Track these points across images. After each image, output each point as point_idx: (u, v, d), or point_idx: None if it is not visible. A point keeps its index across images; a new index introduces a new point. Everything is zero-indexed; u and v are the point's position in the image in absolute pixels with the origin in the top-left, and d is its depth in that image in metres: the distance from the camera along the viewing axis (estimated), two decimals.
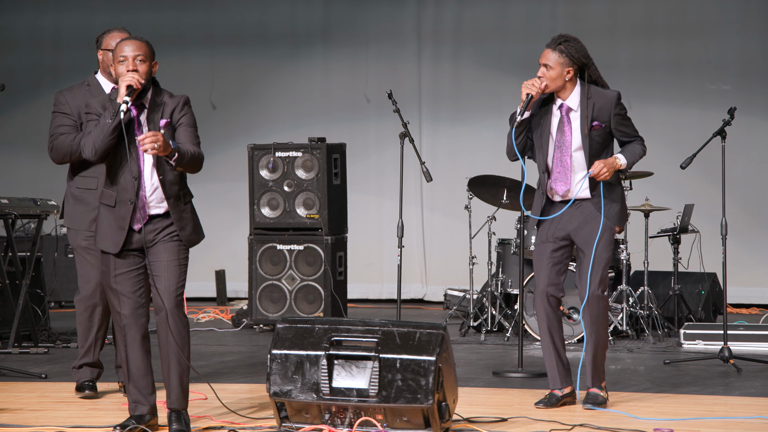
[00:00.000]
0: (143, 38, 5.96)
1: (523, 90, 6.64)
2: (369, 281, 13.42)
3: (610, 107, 6.72)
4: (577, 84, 6.72)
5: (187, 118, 6.00)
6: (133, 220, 5.91)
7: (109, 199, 5.95)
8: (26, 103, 14.00)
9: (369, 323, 5.93)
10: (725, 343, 8.44)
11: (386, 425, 5.84)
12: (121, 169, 5.91)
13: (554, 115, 6.74)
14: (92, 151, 5.84)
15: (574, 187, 6.73)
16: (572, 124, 6.72)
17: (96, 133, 5.83)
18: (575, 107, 6.71)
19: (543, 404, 6.77)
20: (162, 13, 13.87)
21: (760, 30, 12.81)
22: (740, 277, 12.37)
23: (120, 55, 5.88)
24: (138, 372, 5.99)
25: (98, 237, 6.01)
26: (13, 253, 9.31)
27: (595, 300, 6.75)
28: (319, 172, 10.57)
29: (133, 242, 5.95)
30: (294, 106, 13.62)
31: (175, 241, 5.95)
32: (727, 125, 8.46)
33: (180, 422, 5.95)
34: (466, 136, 13.36)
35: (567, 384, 6.87)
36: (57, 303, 12.29)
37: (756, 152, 12.78)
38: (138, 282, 5.98)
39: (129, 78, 5.82)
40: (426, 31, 13.54)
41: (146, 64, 5.90)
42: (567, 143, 6.72)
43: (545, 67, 6.67)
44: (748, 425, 6.29)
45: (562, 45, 6.67)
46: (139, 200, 5.89)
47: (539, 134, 6.76)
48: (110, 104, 5.87)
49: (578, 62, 6.69)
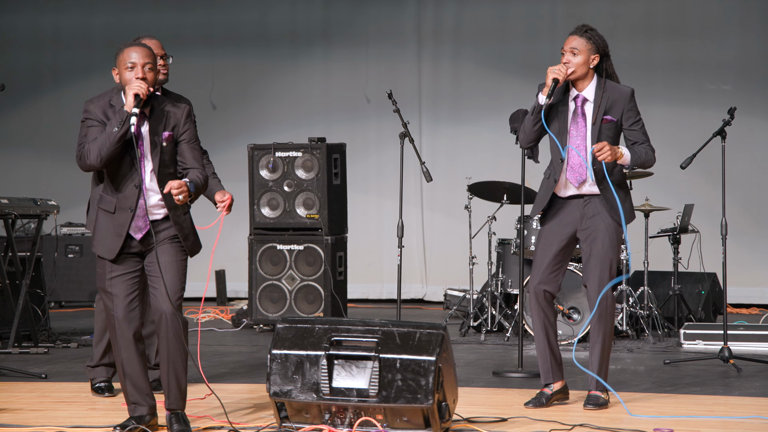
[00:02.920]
0: (149, 45, 5.94)
1: (549, 75, 6.62)
2: (369, 281, 13.43)
3: (624, 103, 6.72)
4: (594, 76, 6.74)
5: (190, 133, 5.99)
6: (131, 227, 5.92)
7: (108, 205, 5.96)
8: (26, 103, 14.00)
9: (369, 323, 5.93)
10: (725, 343, 8.44)
11: (386, 425, 5.84)
12: (123, 178, 5.91)
13: (569, 105, 6.74)
14: (97, 158, 5.83)
15: (589, 181, 6.71)
16: (587, 116, 6.71)
17: (102, 140, 5.82)
18: (591, 98, 6.72)
19: (533, 404, 6.74)
20: (162, 13, 13.86)
21: (760, 30, 12.81)
22: (740, 277, 12.37)
23: (128, 62, 5.85)
24: (134, 373, 5.99)
25: (95, 242, 6.02)
26: (13, 253, 9.32)
27: (603, 299, 6.72)
28: (319, 172, 10.58)
29: (131, 246, 5.96)
30: (294, 106, 13.62)
31: (175, 243, 5.96)
32: (727, 125, 8.46)
33: (180, 422, 5.96)
34: (466, 136, 13.36)
35: (558, 379, 6.85)
36: (57, 303, 12.30)
37: (756, 152, 12.78)
38: (132, 285, 5.98)
39: (137, 87, 5.79)
40: (426, 31, 13.54)
41: (154, 72, 5.88)
42: (582, 134, 6.71)
43: (572, 53, 6.67)
44: (748, 425, 6.29)
45: (588, 32, 6.71)
46: (140, 209, 5.90)
47: (556, 124, 6.75)
48: (111, 110, 5.87)
49: (602, 51, 6.73)
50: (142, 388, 6.00)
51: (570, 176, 6.73)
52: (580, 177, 6.71)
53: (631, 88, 6.78)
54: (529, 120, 6.75)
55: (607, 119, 6.70)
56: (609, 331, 6.79)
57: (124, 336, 5.96)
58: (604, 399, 6.76)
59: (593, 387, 6.78)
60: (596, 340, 6.78)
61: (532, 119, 6.73)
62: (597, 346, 6.78)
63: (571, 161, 6.72)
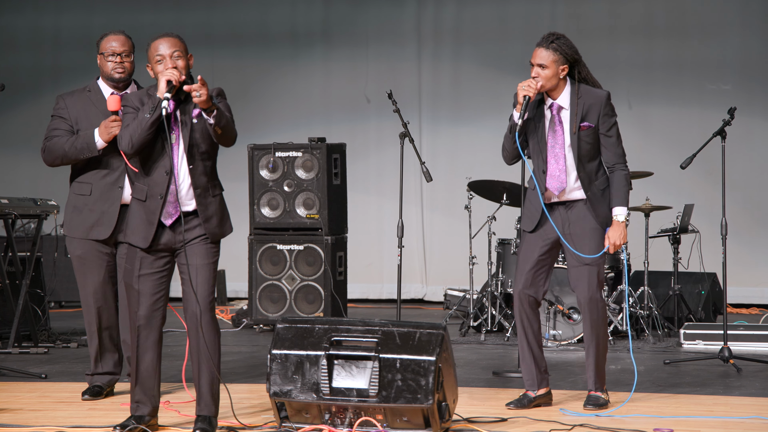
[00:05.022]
0: (175, 34, 5.95)
1: (519, 92, 6.59)
2: (369, 281, 13.43)
3: (600, 107, 6.64)
4: (567, 82, 6.68)
5: (223, 105, 5.98)
6: (162, 214, 5.90)
7: (140, 193, 5.94)
8: (26, 103, 14.00)
9: (369, 323, 5.93)
10: (725, 343, 8.44)
11: (386, 425, 5.84)
12: (155, 164, 5.89)
13: (545, 114, 6.71)
14: (129, 144, 5.82)
15: (569, 188, 6.69)
16: (564, 124, 6.66)
17: (134, 127, 5.82)
18: (566, 106, 6.66)
19: (514, 405, 6.72)
20: (162, 13, 13.87)
21: (760, 30, 12.81)
22: (740, 277, 12.37)
23: (156, 55, 5.87)
24: (146, 373, 5.98)
25: (128, 231, 5.99)
26: (13, 253, 9.32)
27: (594, 303, 6.71)
28: (319, 172, 10.58)
29: (161, 241, 5.93)
30: (294, 106, 13.63)
31: (207, 243, 5.94)
32: (727, 125, 8.46)
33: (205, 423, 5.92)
34: (466, 136, 13.37)
35: (543, 386, 6.82)
36: (57, 303, 12.30)
37: (756, 152, 12.78)
38: (160, 284, 5.97)
39: (169, 73, 5.81)
40: (426, 31, 13.54)
41: (183, 59, 5.90)
42: (560, 143, 6.66)
43: (540, 67, 6.63)
44: (748, 425, 6.29)
45: (555, 43, 6.62)
46: (170, 195, 5.88)
47: (534, 135, 6.72)
48: (149, 99, 5.86)
49: (571, 59, 6.65)
50: (150, 388, 5.98)
51: (551, 185, 6.71)
52: (560, 185, 6.69)
53: (606, 92, 6.69)
54: (508, 138, 6.73)
55: (584, 126, 6.64)
56: (603, 335, 6.77)
57: (144, 334, 5.94)
58: (604, 399, 6.75)
59: (593, 387, 6.78)
60: (590, 344, 6.75)
61: (510, 138, 6.71)
62: (591, 349, 6.75)
63: (551, 170, 6.69)
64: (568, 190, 6.69)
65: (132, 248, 5.97)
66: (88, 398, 6.98)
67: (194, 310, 5.88)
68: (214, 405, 5.97)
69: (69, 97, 7.11)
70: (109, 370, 7.11)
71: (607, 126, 6.67)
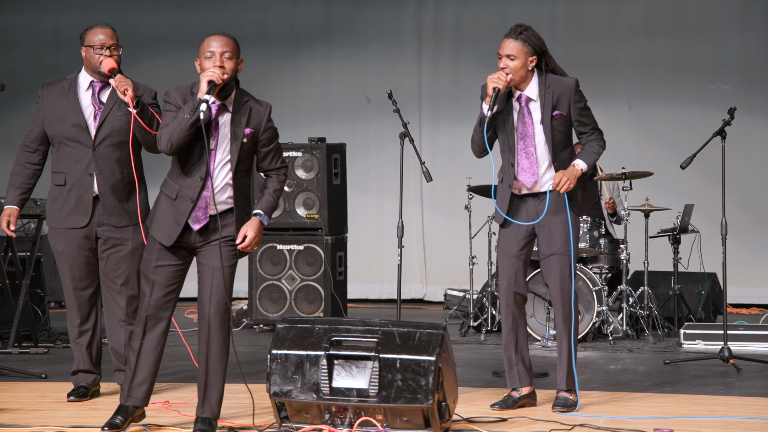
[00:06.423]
0: (231, 35, 5.85)
1: (489, 84, 6.57)
2: (369, 281, 13.43)
3: (570, 94, 6.63)
4: (535, 74, 6.66)
5: (271, 132, 5.96)
6: (191, 217, 5.86)
7: (171, 191, 5.88)
8: (26, 103, 13.91)
9: (369, 323, 5.93)
10: (725, 343, 8.44)
11: (386, 425, 5.84)
12: (192, 166, 5.82)
13: (514, 107, 6.68)
14: (167, 144, 5.75)
15: (542, 180, 6.67)
16: (533, 115, 6.64)
17: (173, 127, 5.73)
18: (534, 97, 6.64)
19: (499, 406, 6.69)
20: (162, 13, 13.87)
21: (760, 30, 12.81)
22: (740, 277, 12.38)
23: (207, 51, 5.77)
24: (143, 363, 5.97)
25: (154, 225, 5.94)
26: (13, 253, 9.32)
27: (567, 296, 6.66)
28: (319, 172, 10.58)
29: (183, 239, 5.90)
30: (294, 106, 13.62)
31: (229, 245, 5.92)
32: (727, 125, 8.46)
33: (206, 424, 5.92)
34: (466, 136, 13.19)
35: (526, 384, 6.80)
36: (57, 303, 12.29)
37: (756, 152, 12.79)
38: (175, 277, 5.95)
39: (210, 73, 5.71)
40: (426, 31, 13.54)
41: (233, 61, 5.80)
42: (530, 134, 6.64)
43: (509, 58, 6.62)
44: (748, 425, 6.29)
45: (523, 34, 6.62)
46: (201, 200, 5.85)
47: (503, 128, 6.70)
48: (191, 98, 5.77)
49: (539, 50, 6.64)
50: (144, 379, 5.96)
51: (522, 178, 6.69)
52: (532, 177, 6.66)
53: (574, 79, 6.67)
54: (477, 131, 6.73)
55: (556, 115, 6.63)
56: (575, 330, 6.72)
57: (150, 324, 5.93)
58: (572, 400, 6.68)
59: (564, 387, 6.72)
60: (563, 339, 6.69)
61: (479, 130, 6.71)
62: (564, 345, 6.68)
63: (522, 163, 6.67)
64: (540, 182, 6.67)
65: (153, 239, 5.95)
66: (73, 399, 6.95)
67: (204, 311, 5.88)
68: (217, 407, 5.96)
69: (48, 87, 7.02)
70: (90, 369, 7.07)
71: (578, 112, 6.66)
